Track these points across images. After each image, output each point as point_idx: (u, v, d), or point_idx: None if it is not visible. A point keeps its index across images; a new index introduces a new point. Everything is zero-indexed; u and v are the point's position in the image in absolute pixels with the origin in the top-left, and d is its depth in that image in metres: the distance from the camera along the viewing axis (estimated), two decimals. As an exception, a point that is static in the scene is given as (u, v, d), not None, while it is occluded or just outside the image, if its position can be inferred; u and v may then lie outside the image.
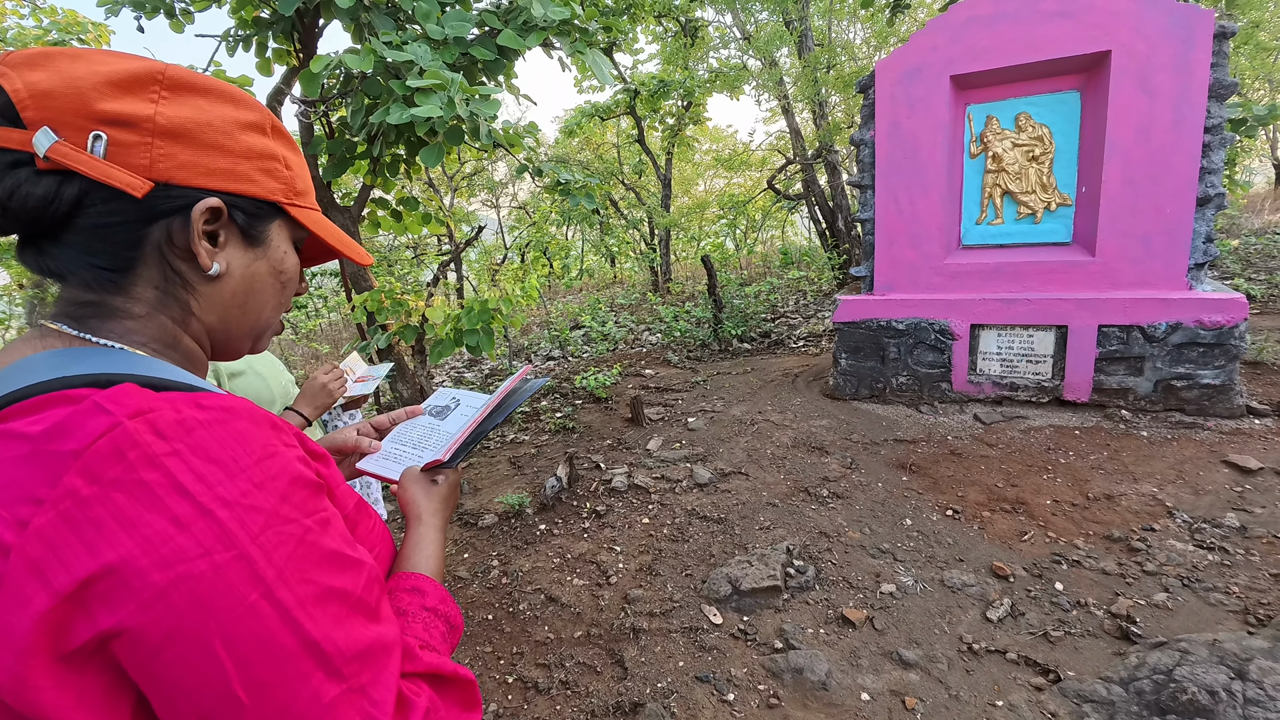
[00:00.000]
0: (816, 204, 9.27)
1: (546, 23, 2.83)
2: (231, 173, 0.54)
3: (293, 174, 0.60)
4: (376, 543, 0.62)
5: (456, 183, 11.22)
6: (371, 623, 0.48)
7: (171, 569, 0.40)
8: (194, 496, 0.41)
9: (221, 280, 0.56)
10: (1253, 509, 2.53)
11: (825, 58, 7.68)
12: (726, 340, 6.25)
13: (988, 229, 3.95)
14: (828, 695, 1.85)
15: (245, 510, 0.43)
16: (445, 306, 3.69)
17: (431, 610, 0.61)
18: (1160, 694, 1.65)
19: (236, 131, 0.54)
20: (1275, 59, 9.79)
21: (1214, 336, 3.30)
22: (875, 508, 2.85)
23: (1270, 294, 5.43)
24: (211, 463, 0.43)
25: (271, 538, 0.43)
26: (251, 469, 0.44)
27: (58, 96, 0.46)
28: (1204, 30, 3.15)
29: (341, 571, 0.47)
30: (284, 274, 0.61)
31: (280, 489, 0.45)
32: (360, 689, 0.45)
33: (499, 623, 2.32)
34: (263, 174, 0.56)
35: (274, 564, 0.43)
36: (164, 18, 3.16)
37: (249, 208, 0.56)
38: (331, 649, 0.44)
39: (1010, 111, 3.78)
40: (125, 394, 0.44)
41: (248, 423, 0.47)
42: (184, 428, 0.43)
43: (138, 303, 0.52)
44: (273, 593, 0.42)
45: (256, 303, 0.60)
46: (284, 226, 0.60)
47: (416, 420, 0.92)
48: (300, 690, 0.42)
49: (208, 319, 0.57)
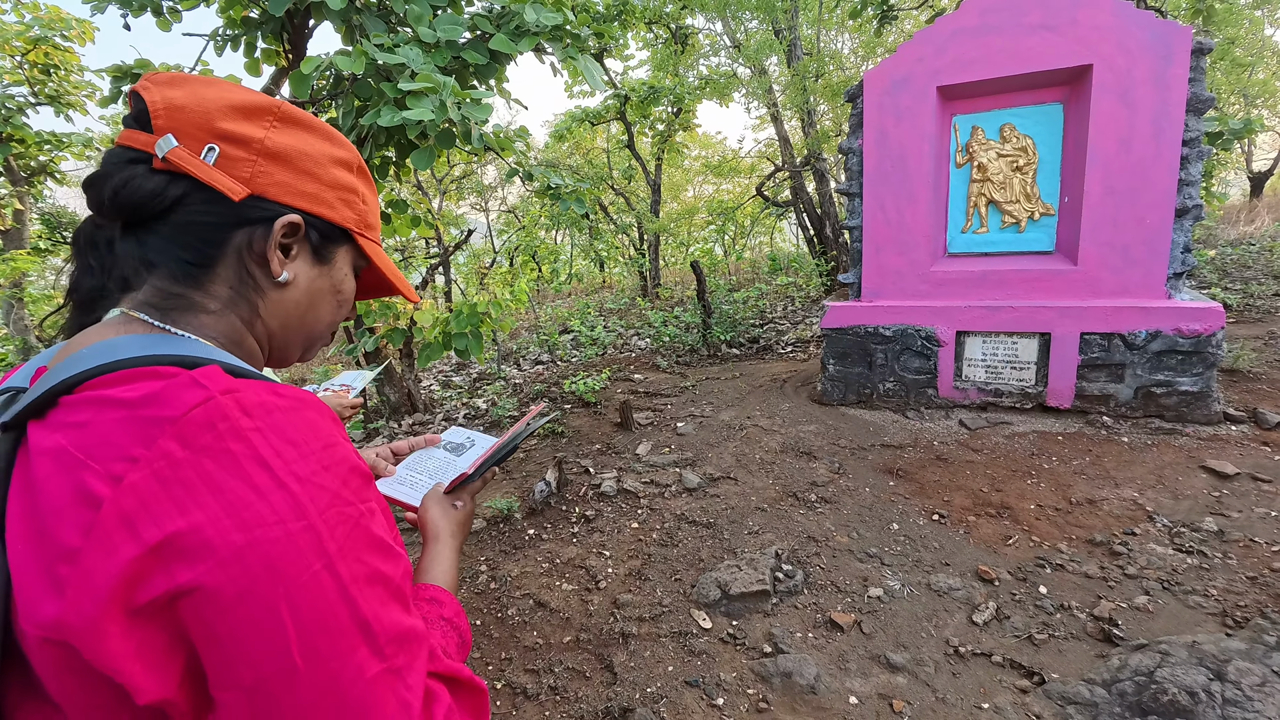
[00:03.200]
0: (805, 211, 9.35)
1: (539, 28, 2.84)
2: (316, 197, 0.61)
3: (367, 209, 0.67)
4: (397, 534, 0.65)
5: (445, 186, 11.18)
6: (407, 611, 0.50)
7: (250, 532, 0.42)
8: (273, 469, 0.45)
9: (288, 289, 0.62)
10: (1230, 513, 2.59)
11: (814, 67, 7.77)
12: (715, 345, 6.27)
13: (973, 237, 4.01)
14: (816, 699, 1.86)
15: (315, 487, 0.46)
16: (434, 310, 3.68)
17: (448, 621, 0.64)
18: (1142, 695, 1.67)
19: (328, 164, 0.62)
20: (1250, 74, 10.04)
21: (1192, 344, 3.37)
22: (863, 512, 2.87)
23: (1246, 303, 5.56)
24: (288, 442, 0.47)
25: (334, 515, 0.46)
26: (320, 453, 0.48)
27: (188, 111, 0.54)
28: (1182, 46, 3.23)
29: (386, 558, 0.50)
30: (341, 294, 0.67)
31: (342, 474, 0.49)
32: (397, 671, 0.47)
33: (487, 628, 2.30)
34: (342, 203, 0.63)
35: (335, 539, 0.46)
36: (151, 15, 3.12)
37: (324, 229, 0.63)
38: (378, 627, 0.46)
39: (995, 122, 3.85)
40: (215, 373, 0.48)
41: (316, 414, 0.51)
42: (265, 409, 0.47)
43: (213, 299, 0.58)
44: (333, 565, 0.45)
45: (314, 315, 0.65)
46: (349, 253, 0.67)
47: (432, 452, 0.96)
48: (348, 662, 0.44)
49: (271, 323, 0.62)
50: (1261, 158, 13.13)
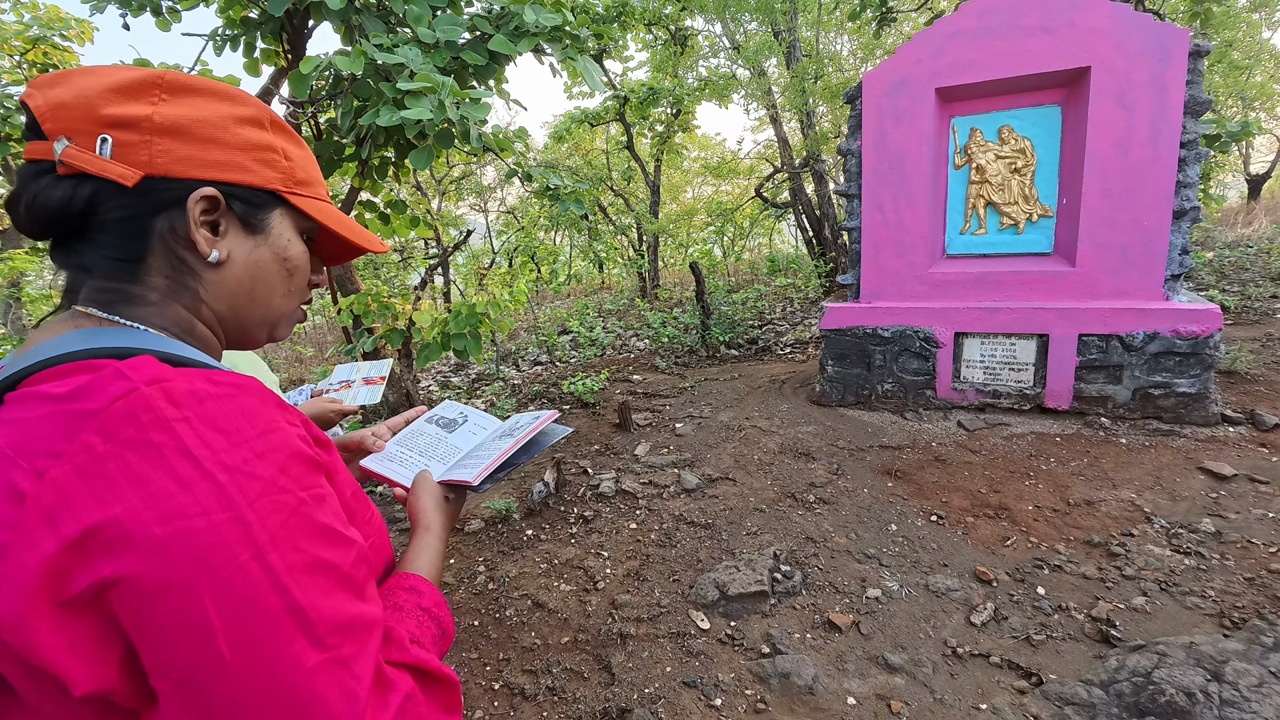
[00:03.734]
0: (804, 212, 9.36)
1: (538, 28, 2.84)
2: (227, 164, 0.56)
3: (292, 164, 0.61)
4: (371, 533, 0.64)
5: (445, 186, 11.18)
6: (357, 599, 0.49)
7: (171, 524, 0.42)
8: (198, 460, 0.44)
9: (225, 267, 0.59)
10: (1227, 514, 2.59)
11: (813, 68, 7.78)
12: (714, 346, 6.27)
13: (971, 239, 4.02)
14: (814, 699, 1.86)
15: (245, 476, 0.45)
16: (432, 310, 3.67)
17: (426, 611, 0.62)
18: (1139, 696, 1.67)
19: (232, 125, 0.57)
20: (1248, 77, 10.07)
21: (1190, 346, 3.37)
22: (861, 513, 2.87)
23: (1243, 305, 5.57)
24: (217, 431, 0.46)
25: (267, 505, 0.45)
26: (254, 440, 0.47)
27: (70, 107, 0.52)
28: (1180, 48, 3.24)
29: (332, 546, 0.49)
30: (289, 261, 0.63)
31: (279, 461, 0.48)
32: (342, 661, 0.46)
33: (485, 629, 2.30)
34: (260, 164, 0.58)
35: (267, 529, 0.45)
36: (150, 15, 3.12)
37: (247, 196, 0.58)
38: (316, 617, 0.45)
39: (993, 124, 3.85)
40: (144, 364, 0.47)
41: (255, 399, 0.50)
42: (195, 398, 0.46)
43: (152, 290, 0.56)
44: (263, 555, 0.44)
45: (263, 290, 0.62)
46: (287, 215, 0.62)
47: (423, 428, 0.94)
48: (282, 653, 0.43)
49: (217, 306, 0.60)
50: (1259, 160, 13.17)
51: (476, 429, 0.94)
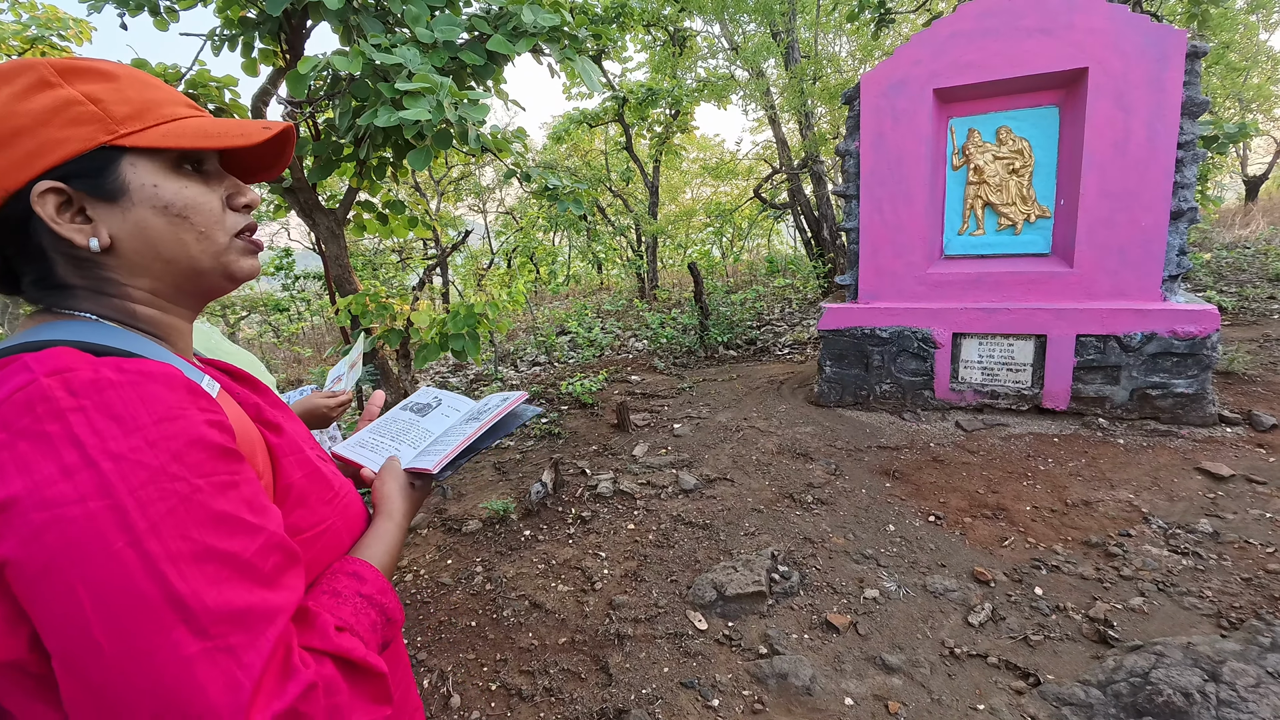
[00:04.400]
0: (802, 213, 9.37)
1: (536, 29, 2.84)
2: (41, 148, 0.52)
3: (105, 104, 0.54)
4: (331, 515, 0.64)
5: (443, 187, 11.18)
6: (258, 587, 0.48)
7: (49, 510, 0.43)
8: (85, 448, 0.45)
9: (116, 248, 0.56)
10: (1225, 515, 2.59)
11: (811, 69, 7.79)
12: (712, 347, 6.27)
13: (969, 239, 4.02)
14: (812, 700, 1.86)
15: (130, 465, 0.45)
16: (431, 311, 3.67)
17: (367, 598, 0.61)
18: (1137, 696, 1.67)
19: (18, 105, 0.51)
20: (1245, 79, 10.09)
21: (1187, 347, 3.38)
22: (859, 514, 2.87)
23: (1241, 306, 5.58)
24: (111, 419, 0.46)
25: (152, 492, 0.45)
26: (148, 427, 0.47)
27: None
28: (1177, 50, 3.24)
29: (230, 534, 0.48)
30: (170, 207, 0.57)
31: (174, 448, 0.48)
32: (228, 649, 0.45)
33: (482, 629, 2.30)
34: (68, 126, 0.52)
35: (148, 517, 0.45)
36: (148, 15, 3.12)
37: (81, 169, 0.53)
38: (197, 605, 0.45)
39: (991, 125, 3.86)
40: (51, 355, 0.48)
41: (161, 386, 0.49)
42: (95, 387, 0.47)
43: (82, 289, 0.57)
44: (141, 543, 0.44)
45: (170, 247, 0.58)
46: (137, 161, 0.56)
47: (397, 414, 0.93)
48: (159, 641, 0.43)
49: (141, 284, 0.58)
50: (1256, 162, 13.19)
51: (449, 411, 0.93)
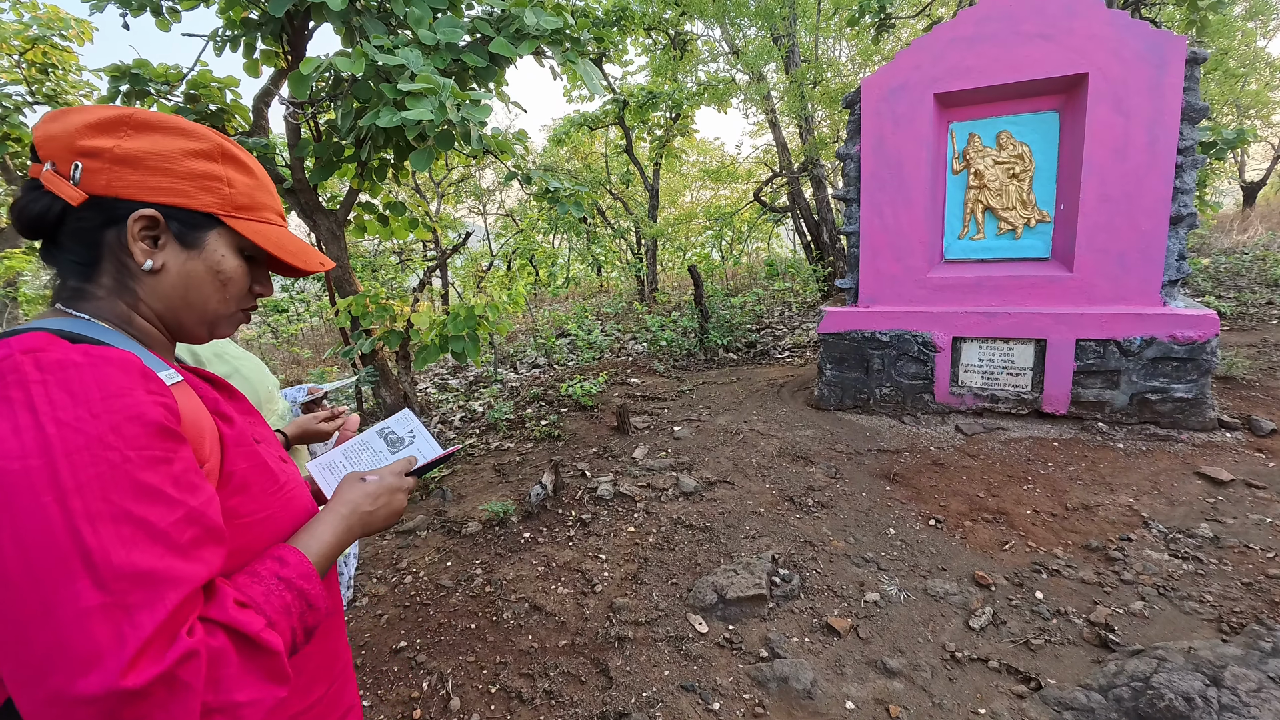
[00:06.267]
0: (802, 217, 9.38)
1: (538, 31, 2.85)
2: (170, 189, 0.67)
3: (235, 191, 0.71)
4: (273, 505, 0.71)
5: (444, 189, 11.18)
6: (168, 555, 0.53)
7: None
8: (37, 413, 0.52)
9: (161, 275, 0.69)
10: (1225, 519, 2.59)
11: (812, 74, 7.80)
12: (712, 350, 6.27)
13: (969, 244, 4.03)
14: (813, 704, 1.85)
15: (71, 431, 0.52)
16: (430, 312, 3.66)
17: (285, 580, 0.65)
18: (1138, 701, 1.67)
19: (180, 158, 0.68)
20: (1243, 85, 10.13)
21: (1187, 351, 3.38)
22: (859, 517, 2.86)
23: (1239, 311, 5.59)
24: (66, 392, 0.53)
25: (85, 458, 0.52)
26: (95, 402, 0.54)
27: (56, 138, 0.64)
28: (1177, 56, 3.25)
29: (150, 504, 0.53)
30: (222, 274, 0.72)
31: (113, 422, 0.54)
32: (125, 607, 0.49)
33: (482, 632, 2.29)
34: (201, 190, 0.69)
35: (76, 478, 0.51)
36: (150, 15, 3.12)
37: (184, 218, 0.68)
38: (102, 561, 0.49)
39: (991, 130, 3.87)
40: (30, 339, 0.56)
41: (115, 369, 0.57)
42: (59, 366, 0.55)
43: (100, 288, 0.68)
44: (65, 499, 0.50)
45: (197, 296, 0.72)
46: (223, 235, 0.71)
47: (370, 439, 1.00)
48: (62, 589, 0.48)
49: (154, 305, 0.70)
50: (1254, 168, 13.24)
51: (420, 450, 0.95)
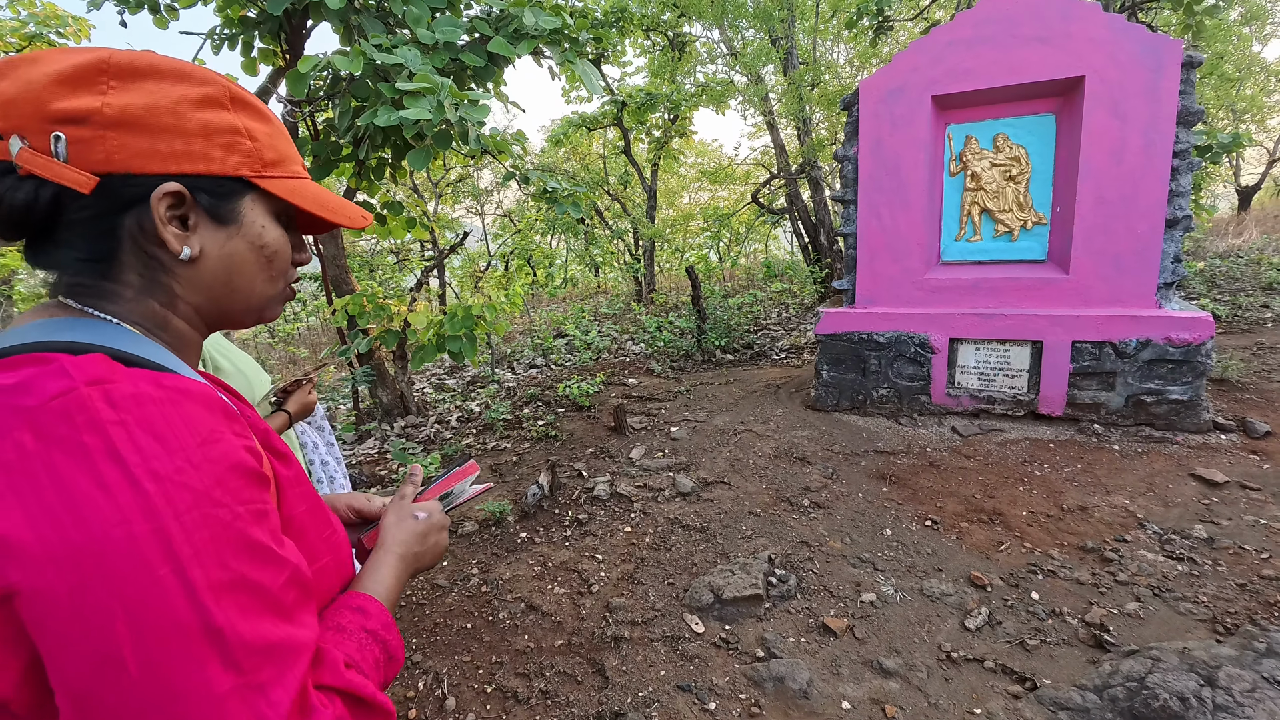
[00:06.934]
0: (800, 218, 9.39)
1: (537, 31, 2.85)
2: (189, 154, 0.53)
3: (259, 144, 0.57)
4: (326, 552, 0.61)
5: (441, 189, 11.17)
6: (284, 622, 0.47)
7: (88, 530, 0.41)
8: (127, 465, 0.42)
9: (199, 263, 0.56)
10: (1219, 521, 2.60)
11: (810, 75, 7.82)
12: (710, 351, 6.28)
13: (966, 245, 4.04)
14: (809, 704, 1.85)
15: (175, 486, 0.43)
16: (428, 312, 3.66)
17: (371, 633, 0.60)
18: (1133, 701, 1.68)
19: (188, 110, 0.53)
20: (1238, 90, 10.19)
21: (1182, 353, 3.39)
22: (856, 518, 2.87)
23: (1234, 314, 5.62)
24: (154, 437, 0.44)
25: (196, 517, 0.44)
26: (192, 449, 0.45)
27: (19, 103, 0.48)
28: (1173, 59, 3.27)
29: (263, 565, 0.47)
30: (266, 248, 0.59)
31: (217, 473, 0.46)
32: (258, 686, 0.44)
33: (478, 631, 2.29)
34: (223, 150, 0.54)
35: (192, 543, 0.43)
36: (148, 13, 3.11)
37: (213, 187, 0.55)
38: (234, 638, 0.43)
39: (989, 132, 3.88)
40: (90, 362, 0.46)
41: (200, 407, 0.48)
42: (135, 401, 0.45)
43: (126, 287, 0.54)
44: (184, 570, 0.42)
45: (243, 280, 0.59)
46: (259, 201, 0.58)
47: None
48: (193, 675, 0.41)
49: (195, 300, 0.58)
50: (1249, 172, 13.30)
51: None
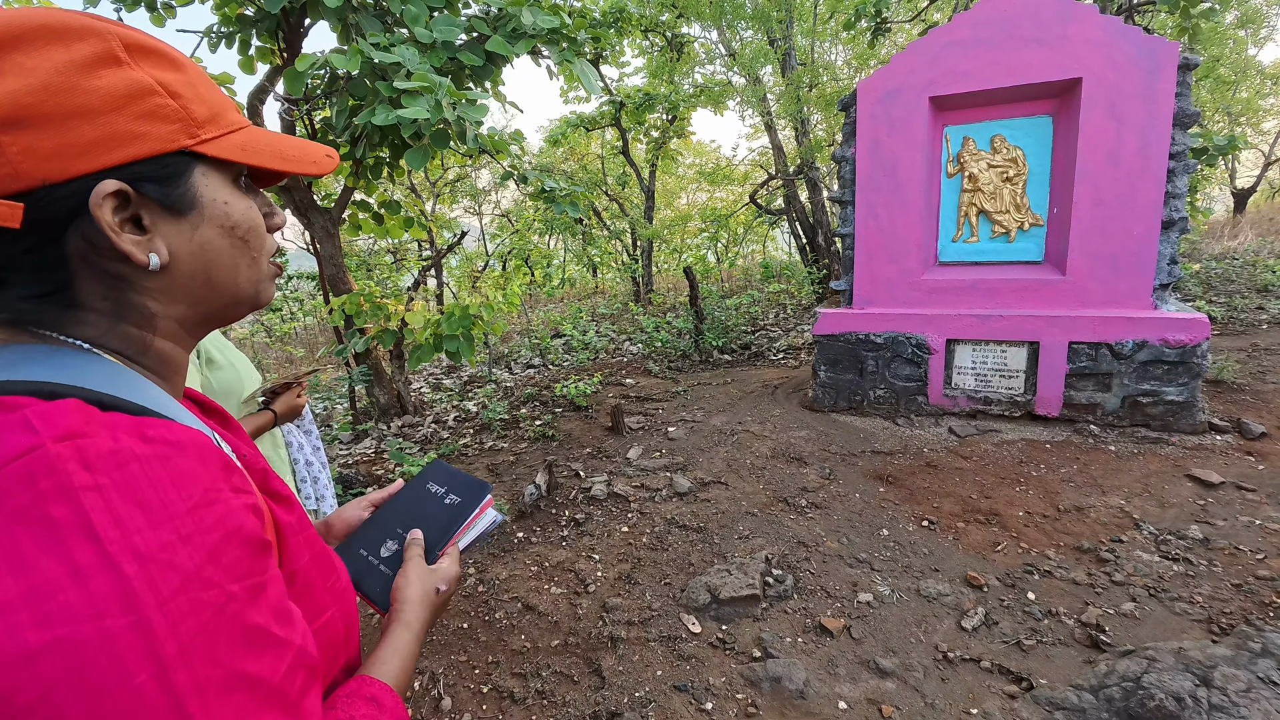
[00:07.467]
0: (797, 219, 9.41)
1: (535, 30, 2.85)
2: (110, 138, 0.42)
3: (184, 101, 0.46)
4: (332, 603, 0.56)
5: (439, 188, 11.16)
6: (286, 716, 0.41)
7: (51, 629, 0.34)
8: (103, 543, 0.35)
9: (170, 268, 0.47)
10: (1215, 521, 2.61)
11: (808, 77, 7.83)
12: (707, 351, 6.28)
13: (963, 246, 4.05)
14: (805, 704, 1.85)
15: (160, 567, 0.36)
16: (425, 312, 3.65)
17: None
18: (1129, 701, 1.68)
19: (82, 79, 0.41)
20: (1234, 92, 10.23)
21: (1178, 355, 3.41)
22: (853, 518, 2.87)
23: (1229, 316, 5.64)
24: (136, 505, 0.37)
25: (183, 605, 0.37)
26: (182, 518, 0.38)
27: None
28: (1169, 61, 3.28)
29: (261, 653, 0.40)
30: (238, 228, 0.50)
31: (210, 545, 0.39)
32: None
33: (474, 631, 2.28)
34: (146, 121, 0.44)
35: (178, 637, 0.36)
36: (144, 11, 3.10)
37: (156, 173, 0.45)
38: None
39: (986, 133, 3.89)
40: (62, 411, 0.38)
41: (194, 461, 0.41)
42: (116, 460, 0.38)
43: (92, 313, 0.46)
44: (167, 674, 0.35)
45: (224, 273, 0.50)
46: (210, 172, 0.48)
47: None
48: None
49: (175, 312, 0.49)
50: (1245, 174, 13.37)
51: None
